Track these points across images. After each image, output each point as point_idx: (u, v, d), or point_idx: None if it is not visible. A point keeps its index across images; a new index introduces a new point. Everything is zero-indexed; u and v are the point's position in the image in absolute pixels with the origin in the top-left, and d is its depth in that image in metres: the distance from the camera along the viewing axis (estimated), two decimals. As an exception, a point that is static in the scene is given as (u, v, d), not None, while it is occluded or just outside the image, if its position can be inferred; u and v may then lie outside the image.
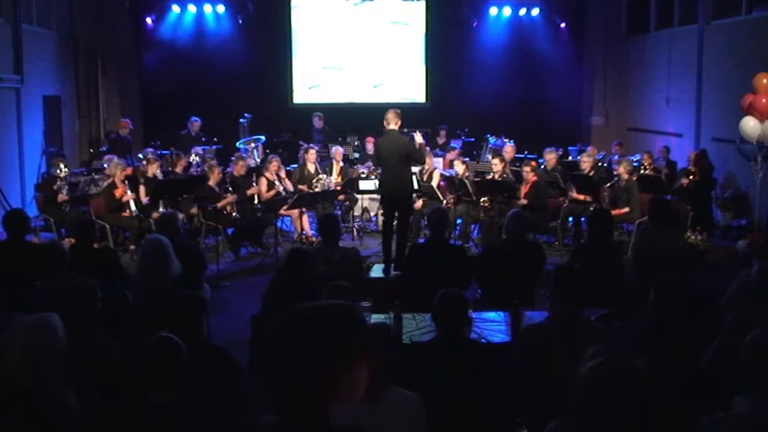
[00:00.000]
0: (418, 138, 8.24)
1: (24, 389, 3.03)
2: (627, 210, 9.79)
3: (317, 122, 13.83)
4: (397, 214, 8.28)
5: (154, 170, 10.34)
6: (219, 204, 9.80)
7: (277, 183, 10.41)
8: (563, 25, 15.52)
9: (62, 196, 9.73)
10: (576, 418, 2.33)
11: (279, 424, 1.78)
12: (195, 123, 13.21)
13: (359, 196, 11.01)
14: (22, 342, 3.13)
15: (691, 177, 10.49)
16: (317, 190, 10.31)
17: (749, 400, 2.75)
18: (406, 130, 13.19)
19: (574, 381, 2.31)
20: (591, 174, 10.43)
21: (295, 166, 11.67)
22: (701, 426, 2.74)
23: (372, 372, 1.81)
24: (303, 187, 10.53)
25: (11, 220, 6.01)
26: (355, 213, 11.22)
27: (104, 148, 13.25)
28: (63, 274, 4.91)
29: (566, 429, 2.44)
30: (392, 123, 8.12)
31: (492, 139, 13.10)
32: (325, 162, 11.46)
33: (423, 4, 15.55)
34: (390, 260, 8.05)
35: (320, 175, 10.70)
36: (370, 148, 12.59)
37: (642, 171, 10.90)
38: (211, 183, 9.96)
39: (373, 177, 10.68)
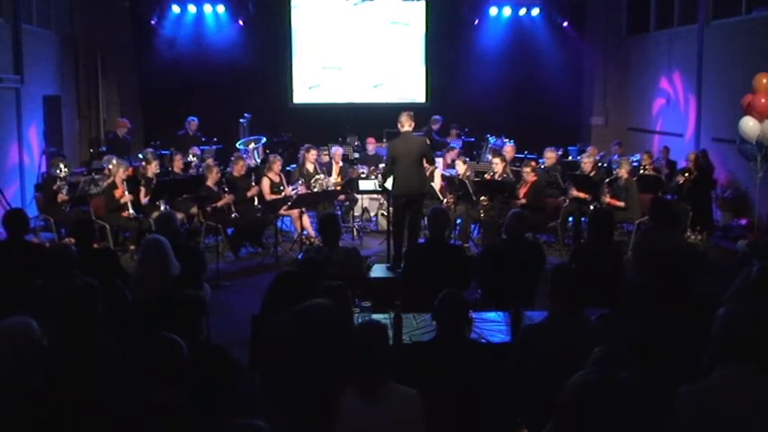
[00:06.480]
0: None
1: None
2: (622, 204, 9.77)
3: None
4: (409, 214, 8.35)
5: (153, 170, 10.34)
6: (218, 204, 9.78)
7: (284, 187, 10.30)
8: (563, 25, 15.51)
9: (62, 196, 9.73)
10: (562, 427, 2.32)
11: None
12: (192, 123, 13.20)
13: (359, 196, 11.01)
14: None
15: (687, 175, 10.49)
16: (315, 190, 10.30)
17: (725, 369, 2.84)
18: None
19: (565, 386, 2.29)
20: (591, 174, 10.43)
21: (295, 166, 11.67)
22: (678, 394, 2.80)
23: (368, 370, 1.82)
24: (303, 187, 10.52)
25: (10, 219, 6.01)
26: (355, 213, 11.22)
27: (104, 149, 13.25)
28: (69, 275, 4.91)
29: None
30: (406, 125, 8.30)
31: (492, 139, 13.11)
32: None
33: (423, 4, 15.56)
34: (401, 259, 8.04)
35: (318, 175, 10.65)
36: (370, 149, 12.59)
37: (642, 171, 10.90)
38: (210, 183, 9.96)
39: (373, 177, 10.69)
